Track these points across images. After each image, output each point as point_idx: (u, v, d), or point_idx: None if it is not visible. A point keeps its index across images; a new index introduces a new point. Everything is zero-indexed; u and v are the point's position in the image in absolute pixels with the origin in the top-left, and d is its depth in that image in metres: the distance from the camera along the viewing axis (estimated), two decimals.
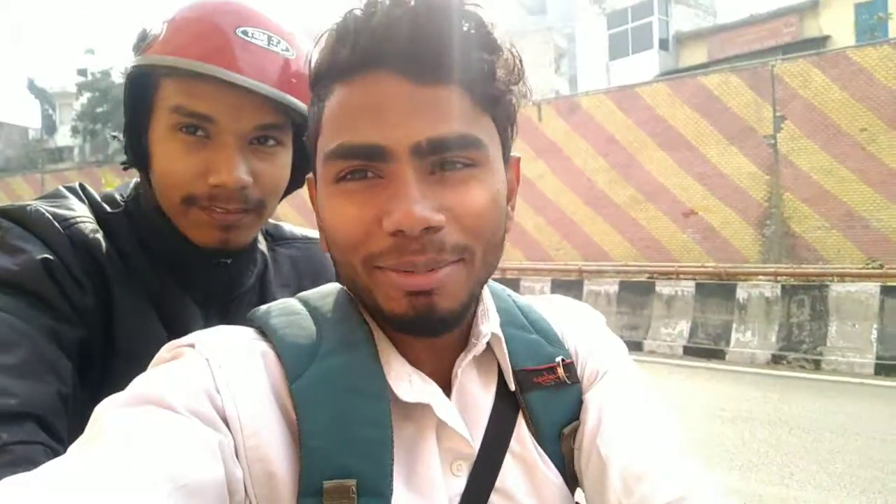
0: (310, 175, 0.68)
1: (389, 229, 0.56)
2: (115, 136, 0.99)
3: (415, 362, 0.64)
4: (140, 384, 0.55)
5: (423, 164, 0.57)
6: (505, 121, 0.64)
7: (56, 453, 0.71)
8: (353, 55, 0.58)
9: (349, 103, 0.58)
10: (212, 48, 0.87)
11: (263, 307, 0.67)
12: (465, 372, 0.67)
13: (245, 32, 0.89)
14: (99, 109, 30.37)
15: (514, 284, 11.64)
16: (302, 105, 0.93)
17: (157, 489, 0.45)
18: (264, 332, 0.63)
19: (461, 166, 0.58)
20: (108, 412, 0.52)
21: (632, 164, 16.58)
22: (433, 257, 0.57)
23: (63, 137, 36.10)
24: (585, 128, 17.38)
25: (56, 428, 0.73)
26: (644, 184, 16.33)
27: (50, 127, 37.78)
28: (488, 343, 0.67)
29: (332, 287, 0.70)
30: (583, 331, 0.77)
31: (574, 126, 17.53)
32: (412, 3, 0.56)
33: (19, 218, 0.86)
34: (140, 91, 0.91)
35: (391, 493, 0.56)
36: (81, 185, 0.99)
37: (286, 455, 0.55)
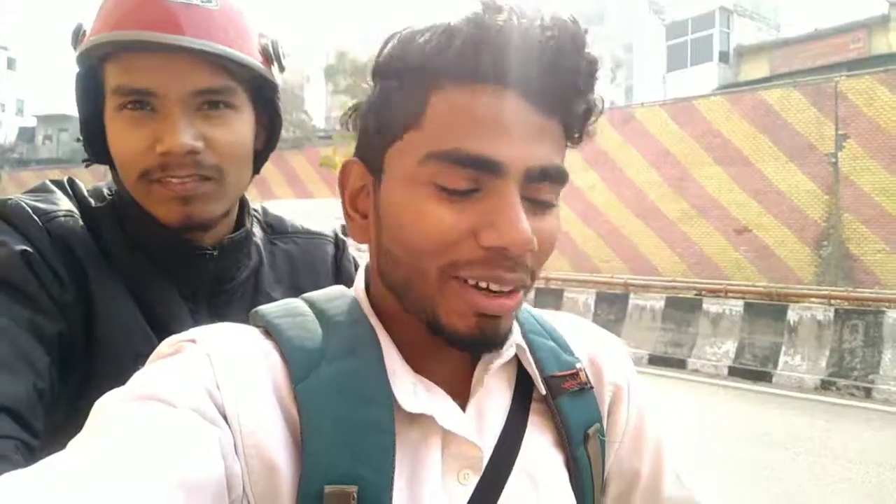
0: (351, 160, 0.66)
1: (491, 244, 0.56)
2: (78, 139, 0.98)
3: (420, 369, 0.63)
4: (140, 379, 0.55)
5: (524, 187, 0.57)
6: None
7: (29, 447, 0.71)
8: (489, 64, 0.56)
9: (471, 110, 0.56)
10: (138, 16, 0.85)
11: (267, 306, 0.66)
12: (483, 380, 0.66)
13: None
14: None
15: (557, 295, 11.54)
16: (248, 59, 0.92)
17: (158, 485, 0.45)
18: (268, 331, 0.62)
19: (547, 199, 0.60)
20: (109, 407, 0.52)
21: (685, 177, 16.30)
22: (520, 277, 0.58)
23: None
24: (639, 139, 17.15)
25: (30, 422, 0.73)
26: (697, 198, 16.03)
27: None
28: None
29: (339, 290, 0.70)
30: (587, 340, 0.79)
31: (627, 137, 17.31)
32: (557, 31, 0.56)
33: None
34: (88, 85, 0.92)
35: (391, 502, 0.56)
36: (70, 180, 0.99)
37: (285, 455, 0.55)
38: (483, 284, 0.57)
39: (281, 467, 0.55)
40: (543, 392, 0.69)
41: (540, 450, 0.69)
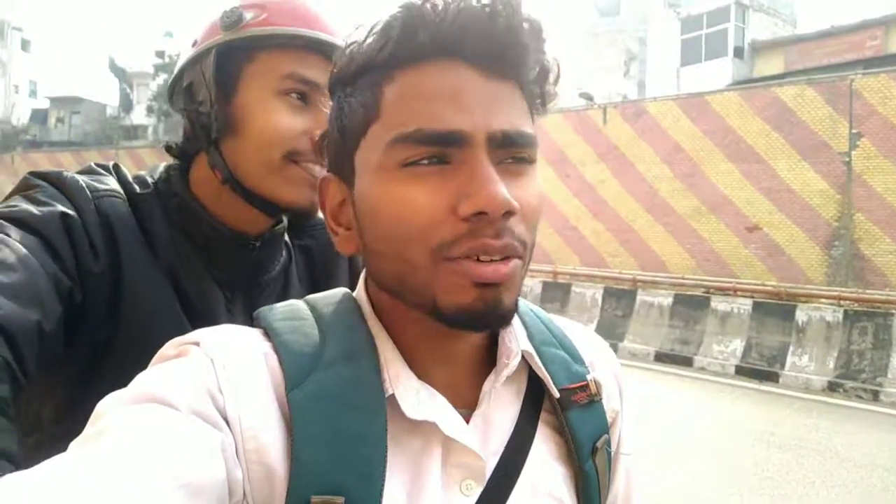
0: (327, 176, 0.67)
1: (469, 211, 0.55)
2: (193, 110, 1.00)
3: (423, 376, 0.62)
4: (143, 381, 0.55)
5: (493, 154, 0.57)
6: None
7: (11, 371, 0.73)
8: (430, 42, 0.57)
9: (423, 89, 0.57)
10: (314, 21, 0.98)
11: (270, 307, 0.66)
12: (491, 394, 0.65)
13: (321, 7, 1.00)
14: None
15: (565, 289, 11.52)
16: None
17: (159, 488, 0.45)
18: (268, 334, 0.62)
19: (521, 162, 0.59)
20: (111, 409, 0.52)
21: (696, 173, 16.21)
22: (509, 243, 0.57)
23: (138, 116, 37.45)
24: (651, 134, 17.07)
25: (24, 353, 0.75)
26: (708, 195, 15.95)
27: (127, 105, 39.15)
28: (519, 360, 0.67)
29: (340, 292, 0.69)
30: (598, 356, 0.78)
31: (639, 132, 17.23)
32: None
33: (54, 180, 0.91)
34: (228, 65, 0.98)
35: None
36: (115, 165, 1.03)
37: (284, 461, 0.55)
38: (473, 257, 0.56)
39: (278, 472, 0.54)
40: (557, 395, 0.68)
41: (546, 462, 0.68)
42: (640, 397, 6.95)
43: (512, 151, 0.58)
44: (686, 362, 9.46)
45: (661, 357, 9.70)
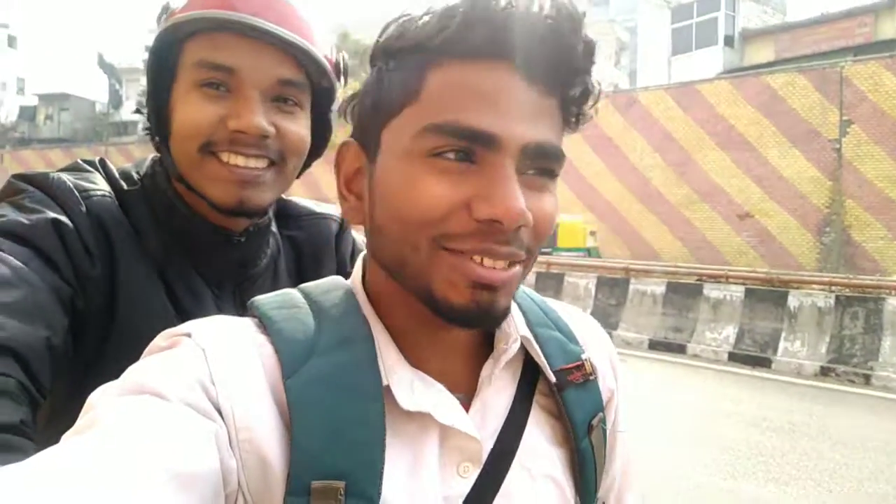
0: (347, 141, 0.66)
1: (484, 216, 0.55)
2: (137, 110, 1.00)
3: (418, 363, 0.63)
4: (135, 373, 0.55)
5: (520, 164, 0.57)
6: None
7: (29, 393, 0.72)
8: (487, 40, 0.56)
9: (468, 84, 0.57)
10: (236, 1, 0.90)
11: (263, 297, 0.65)
12: (491, 379, 0.66)
13: None
14: None
15: (558, 280, 11.53)
16: (326, 65, 0.96)
17: (153, 479, 0.44)
18: (263, 323, 0.61)
19: (545, 175, 0.60)
20: (102, 401, 0.52)
21: (688, 162, 16.26)
22: (514, 252, 0.58)
23: (128, 112, 37.17)
24: (642, 124, 17.10)
25: (36, 372, 0.73)
26: (700, 183, 16.00)
27: (116, 101, 38.91)
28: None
29: (335, 281, 0.69)
30: (592, 337, 0.78)
31: (631, 122, 17.27)
32: (555, 11, 0.57)
33: (41, 183, 0.88)
34: (163, 60, 0.93)
35: (379, 496, 0.55)
36: (101, 161, 1.01)
37: (280, 450, 0.55)
38: (476, 258, 0.57)
39: (274, 462, 0.54)
40: (554, 380, 0.68)
41: (542, 444, 0.68)
42: (634, 385, 6.98)
43: (540, 164, 0.59)
44: (680, 350, 9.49)
45: (654, 345, 9.73)
